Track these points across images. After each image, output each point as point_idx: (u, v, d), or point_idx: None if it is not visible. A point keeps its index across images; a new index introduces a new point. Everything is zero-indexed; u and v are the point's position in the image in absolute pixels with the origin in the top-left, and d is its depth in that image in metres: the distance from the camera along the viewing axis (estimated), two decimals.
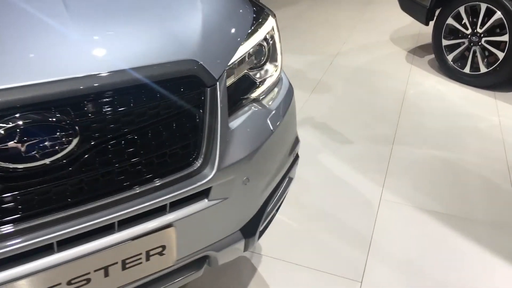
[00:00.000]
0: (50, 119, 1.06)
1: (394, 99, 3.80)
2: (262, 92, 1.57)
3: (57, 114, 1.07)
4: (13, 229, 1.05)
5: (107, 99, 1.13)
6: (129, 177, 1.19)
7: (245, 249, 1.54)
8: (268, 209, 1.57)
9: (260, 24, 1.58)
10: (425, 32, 5.01)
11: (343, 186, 2.73)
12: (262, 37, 1.56)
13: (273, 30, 1.65)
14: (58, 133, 1.06)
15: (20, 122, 1.03)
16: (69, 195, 1.11)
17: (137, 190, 1.20)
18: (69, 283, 1.15)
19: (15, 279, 1.06)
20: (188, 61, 1.26)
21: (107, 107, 1.13)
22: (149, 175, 1.22)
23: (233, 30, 1.47)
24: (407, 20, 5.27)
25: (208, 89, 1.30)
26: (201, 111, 1.29)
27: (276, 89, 1.65)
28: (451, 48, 4.12)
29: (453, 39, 4.11)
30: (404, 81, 4.13)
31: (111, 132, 1.14)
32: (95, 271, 1.17)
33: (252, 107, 1.50)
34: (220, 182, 1.32)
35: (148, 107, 1.20)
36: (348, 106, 3.66)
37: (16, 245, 1.04)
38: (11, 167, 1.03)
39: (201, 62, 1.29)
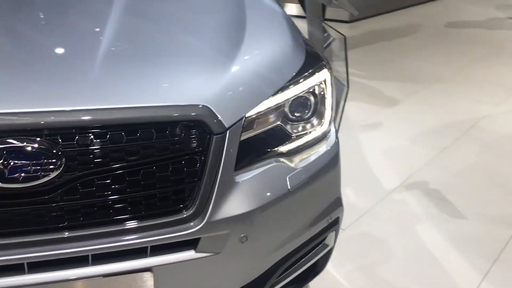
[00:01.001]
0: (39, 147, 1.12)
1: None
2: (297, 147, 1.47)
3: (47, 142, 1.12)
4: None
5: (97, 134, 1.16)
6: (111, 213, 1.20)
7: None
8: (281, 273, 1.44)
9: (307, 76, 1.49)
10: None
11: (434, 265, 2.39)
12: (303, 89, 1.47)
13: (325, 83, 1.54)
14: (43, 160, 1.12)
15: (15, 144, 1.10)
16: (47, 221, 1.16)
17: (117, 227, 1.20)
18: None
19: None
20: (196, 106, 1.24)
21: (97, 142, 1.16)
22: (133, 214, 1.21)
23: (265, 80, 1.41)
24: None
25: (215, 136, 1.25)
26: (202, 158, 1.25)
27: (317, 146, 1.52)
28: None
29: None
30: None
31: (98, 166, 1.17)
32: None
33: (274, 162, 1.40)
34: (210, 235, 1.26)
35: (143, 147, 1.19)
36: (476, 177, 3.22)
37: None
38: None
39: (213, 109, 1.25)
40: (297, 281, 1.62)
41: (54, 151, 1.13)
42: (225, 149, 1.27)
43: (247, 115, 1.33)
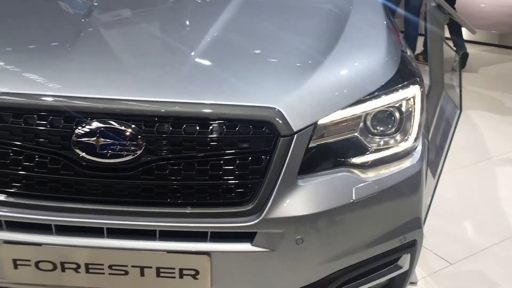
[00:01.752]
0: (126, 130, 1.29)
1: None
2: (373, 160, 1.46)
3: (133, 127, 1.30)
4: (74, 206, 1.33)
5: (175, 124, 1.30)
6: (177, 198, 1.33)
7: None
8: (341, 284, 1.44)
9: (392, 91, 1.48)
10: None
11: None
12: (386, 104, 1.46)
13: (413, 100, 1.51)
14: (127, 142, 1.29)
15: (103, 126, 1.29)
16: (125, 194, 1.33)
17: (183, 210, 1.33)
18: (110, 267, 1.36)
19: (68, 246, 1.34)
20: (266, 107, 1.32)
21: (174, 131, 1.30)
22: (198, 200, 1.33)
23: (344, 90, 1.43)
24: None
25: (281, 138, 1.32)
26: (268, 157, 1.32)
27: (397, 162, 1.48)
28: None
29: None
30: None
31: (172, 153, 1.31)
32: (132, 266, 1.36)
33: (344, 171, 1.41)
34: (266, 231, 1.32)
35: (213, 140, 1.31)
36: None
37: (74, 218, 1.33)
38: (90, 158, 1.30)
39: (283, 112, 1.32)
40: None
41: (138, 136, 1.29)
42: (290, 151, 1.32)
43: (319, 122, 1.37)
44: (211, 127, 1.31)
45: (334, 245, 1.39)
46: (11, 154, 1.32)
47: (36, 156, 1.32)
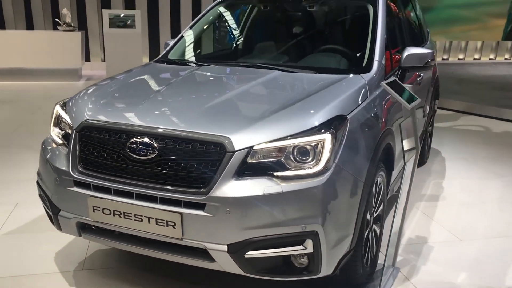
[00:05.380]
0: (149, 142, 2.48)
1: None
2: (291, 175, 2.36)
3: (152, 141, 2.47)
4: (122, 180, 2.52)
5: (170, 141, 2.44)
6: (170, 181, 2.44)
7: (239, 265, 2.38)
8: (257, 248, 2.34)
9: (308, 135, 2.40)
10: None
11: None
12: (301, 142, 2.38)
13: (324, 143, 2.39)
14: (149, 148, 2.47)
15: (141, 140, 2.50)
16: (147, 176, 2.48)
17: (173, 187, 2.42)
18: (135, 216, 2.50)
19: (117, 201, 2.52)
20: (223, 136, 2.38)
21: (172, 144, 2.44)
22: (180, 183, 2.42)
23: (275, 129, 2.41)
24: None
25: (227, 153, 2.36)
26: (218, 163, 2.36)
27: (307, 179, 2.36)
28: None
29: None
30: None
31: (171, 156, 2.44)
32: (145, 216, 2.48)
33: (266, 178, 2.35)
34: (210, 203, 2.33)
35: (188, 151, 2.41)
36: None
37: (122, 186, 2.52)
38: (133, 155, 2.51)
39: (231, 138, 2.37)
40: (289, 269, 2.45)
41: (155, 146, 2.46)
42: (231, 161, 2.34)
43: (255, 147, 2.37)
44: (191, 144, 2.41)
45: (250, 219, 2.30)
46: (99, 150, 2.60)
47: (110, 153, 2.58)
